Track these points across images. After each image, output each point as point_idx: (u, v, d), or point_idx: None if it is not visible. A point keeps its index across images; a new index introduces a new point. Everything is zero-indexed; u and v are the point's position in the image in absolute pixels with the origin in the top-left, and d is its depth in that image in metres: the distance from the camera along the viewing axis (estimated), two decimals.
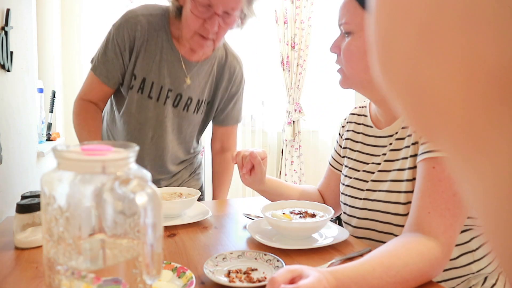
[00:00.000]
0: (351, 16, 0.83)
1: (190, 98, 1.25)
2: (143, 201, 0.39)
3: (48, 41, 2.27)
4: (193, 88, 1.24)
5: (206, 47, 1.13)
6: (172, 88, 1.22)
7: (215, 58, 1.27)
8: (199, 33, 1.10)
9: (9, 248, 0.81)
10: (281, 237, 0.87)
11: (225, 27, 1.11)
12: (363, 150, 0.96)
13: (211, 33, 1.09)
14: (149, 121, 1.23)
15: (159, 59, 1.18)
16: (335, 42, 0.89)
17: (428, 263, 0.65)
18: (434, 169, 0.71)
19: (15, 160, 1.27)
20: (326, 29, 3.28)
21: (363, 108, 1.04)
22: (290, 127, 3.16)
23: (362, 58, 0.83)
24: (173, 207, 1.00)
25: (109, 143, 0.44)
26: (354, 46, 0.84)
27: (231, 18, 1.10)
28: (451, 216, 0.69)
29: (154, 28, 1.17)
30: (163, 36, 1.18)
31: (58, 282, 0.40)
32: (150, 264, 0.40)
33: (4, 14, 1.17)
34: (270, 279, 0.54)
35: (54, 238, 0.40)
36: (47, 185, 0.41)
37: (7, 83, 1.21)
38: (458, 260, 0.79)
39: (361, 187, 0.91)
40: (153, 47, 1.17)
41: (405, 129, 0.84)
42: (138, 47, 1.16)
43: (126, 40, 1.16)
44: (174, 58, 1.20)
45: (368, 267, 0.60)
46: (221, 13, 1.07)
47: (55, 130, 2.29)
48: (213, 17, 1.06)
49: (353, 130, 1.02)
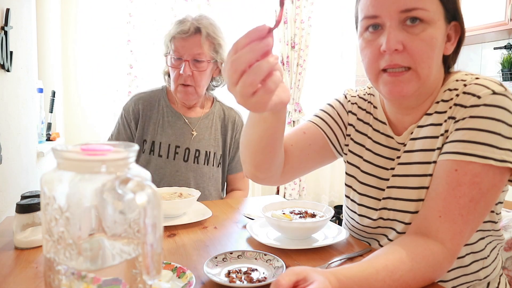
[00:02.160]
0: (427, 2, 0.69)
1: (198, 150, 1.40)
2: (143, 201, 0.39)
3: (48, 41, 2.27)
4: (199, 140, 1.40)
5: (190, 94, 1.33)
6: (180, 144, 1.39)
7: (213, 113, 1.46)
8: (179, 83, 1.32)
9: (9, 248, 0.81)
10: (281, 237, 0.87)
11: (199, 73, 1.31)
12: (375, 151, 0.85)
13: (188, 79, 1.30)
14: (164, 178, 1.37)
15: (161, 123, 1.40)
16: (396, 36, 0.69)
17: (432, 268, 0.64)
18: (456, 172, 0.67)
19: (15, 160, 1.27)
20: (326, 29, 3.28)
21: (370, 95, 0.91)
22: (290, 127, 3.16)
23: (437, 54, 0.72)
24: (173, 207, 1.00)
25: (109, 143, 0.44)
26: (435, 39, 0.70)
27: (202, 64, 1.31)
28: (463, 222, 0.66)
29: (154, 99, 1.42)
30: (163, 103, 1.42)
31: (58, 282, 0.40)
32: (150, 264, 0.40)
33: (4, 14, 1.17)
34: (274, 283, 0.53)
35: (54, 238, 0.40)
36: (47, 185, 0.41)
37: (7, 83, 1.21)
38: (470, 267, 0.76)
39: (377, 196, 0.83)
40: (156, 114, 1.41)
41: (420, 128, 0.77)
42: (143, 117, 1.40)
43: (131, 113, 1.40)
44: (175, 118, 1.41)
45: (372, 269, 0.59)
46: (190, 60, 1.29)
47: (55, 130, 2.29)
48: (184, 64, 1.29)
49: (357, 117, 0.90)
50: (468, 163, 0.66)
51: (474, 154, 0.66)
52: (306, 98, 3.25)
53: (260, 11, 3.07)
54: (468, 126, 0.68)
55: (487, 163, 0.65)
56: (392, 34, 0.69)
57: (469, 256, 0.75)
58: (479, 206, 0.66)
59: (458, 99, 0.71)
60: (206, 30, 1.30)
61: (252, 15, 3.05)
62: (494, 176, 0.66)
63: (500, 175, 0.66)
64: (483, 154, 0.65)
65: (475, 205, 0.66)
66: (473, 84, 0.71)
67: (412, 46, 0.69)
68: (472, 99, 0.69)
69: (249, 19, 3.05)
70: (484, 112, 0.67)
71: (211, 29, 1.31)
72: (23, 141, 1.37)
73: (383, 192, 0.82)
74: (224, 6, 2.95)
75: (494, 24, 2.66)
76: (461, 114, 0.70)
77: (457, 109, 0.71)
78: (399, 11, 0.68)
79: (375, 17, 0.71)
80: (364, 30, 0.75)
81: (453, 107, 0.72)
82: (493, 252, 0.79)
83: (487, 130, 0.66)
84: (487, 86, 0.69)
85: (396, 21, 0.69)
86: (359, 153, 0.89)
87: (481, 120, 0.67)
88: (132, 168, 0.43)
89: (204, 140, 1.41)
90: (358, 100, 0.92)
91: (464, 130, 0.68)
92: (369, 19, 0.72)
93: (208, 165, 1.41)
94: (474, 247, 0.75)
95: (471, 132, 0.67)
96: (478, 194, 0.66)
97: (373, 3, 0.71)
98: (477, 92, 0.69)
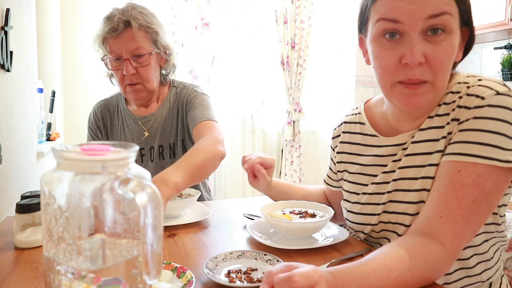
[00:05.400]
0: (452, 6, 0.67)
1: (161, 146, 1.34)
2: (143, 201, 0.39)
3: (48, 41, 2.27)
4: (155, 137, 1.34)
5: (139, 92, 1.26)
6: (143, 146, 1.34)
7: (168, 100, 1.37)
8: (126, 84, 1.24)
9: (9, 248, 0.81)
10: (281, 237, 0.87)
11: (143, 68, 1.22)
12: (367, 163, 0.87)
13: (134, 77, 1.22)
14: None
15: (122, 128, 1.38)
16: (420, 48, 0.66)
17: (431, 268, 0.63)
18: (459, 173, 0.66)
19: (15, 160, 1.27)
20: (326, 29, 3.28)
21: (356, 115, 0.94)
22: (290, 127, 3.16)
23: (452, 64, 0.72)
24: (173, 207, 1.00)
25: (109, 144, 0.44)
26: (454, 49, 0.69)
27: (143, 57, 1.22)
28: (464, 223, 0.65)
29: (112, 105, 1.41)
30: (121, 108, 1.40)
31: (58, 282, 0.40)
32: (150, 264, 0.40)
33: (4, 14, 1.17)
34: (266, 272, 0.54)
35: (54, 238, 0.40)
36: (47, 185, 0.41)
37: (7, 83, 1.21)
38: (474, 269, 0.76)
39: (377, 201, 0.83)
40: (116, 120, 1.40)
41: (422, 132, 0.76)
42: (105, 125, 1.39)
43: (94, 124, 1.40)
44: (132, 120, 1.37)
45: (369, 268, 0.59)
46: (130, 57, 1.20)
47: (54, 130, 2.29)
48: (125, 63, 1.20)
49: (349, 142, 0.94)
50: (473, 164, 0.66)
51: (479, 155, 0.66)
52: (306, 98, 3.25)
53: (260, 11, 3.07)
54: (472, 127, 0.68)
55: (491, 164, 0.65)
56: (417, 46, 0.66)
57: (474, 257, 0.75)
58: (481, 208, 0.66)
59: (462, 101, 0.71)
60: (136, 21, 1.18)
61: (252, 15, 3.06)
62: (498, 177, 0.66)
63: (504, 176, 0.66)
64: (487, 155, 0.65)
65: (477, 206, 0.65)
66: (477, 86, 0.70)
67: (434, 58, 0.67)
68: (476, 100, 0.68)
69: (249, 19, 3.05)
70: (488, 113, 0.67)
71: (141, 18, 1.20)
72: (23, 141, 1.37)
73: (383, 196, 0.81)
74: (224, 6, 2.95)
75: (494, 24, 2.65)
76: (465, 116, 0.69)
77: (461, 111, 0.71)
78: (425, 18, 0.66)
79: (396, 22, 0.68)
80: (381, 34, 0.71)
81: (457, 109, 0.72)
82: (496, 254, 0.79)
83: (492, 131, 0.66)
84: (490, 87, 0.69)
85: (419, 31, 0.67)
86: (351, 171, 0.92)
87: (486, 121, 0.66)
88: (132, 168, 0.43)
89: (161, 133, 1.33)
90: (351, 127, 0.95)
91: (468, 131, 0.68)
92: (388, 22, 0.68)
93: (175, 157, 1.33)
94: (479, 249, 0.75)
95: (475, 133, 0.67)
96: (480, 196, 0.65)
97: (397, 7, 0.67)
98: (481, 93, 0.69)
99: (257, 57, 3.12)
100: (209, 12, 2.85)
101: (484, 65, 3.11)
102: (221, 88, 2.97)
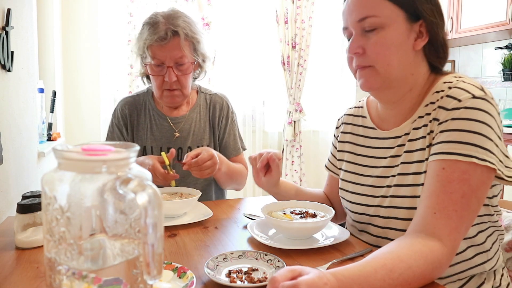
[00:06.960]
0: (379, 9, 0.79)
1: (190, 147, 1.37)
2: (144, 201, 0.39)
3: (49, 41, 2.28)
4: (185, 139, 1.37)
5: (176, 97, 1.30)
6: (170, 146, 1.34)
7: (199, 105, 1.41)
8: (164, 89, 1.28)
9: (10, 248, 0.81)
10: (281, 237, 0.87)
11: (183, 75, 1.27)
12: (367, 154, 0.93)
13: (174, 84, 1.26)
14: None
15: (150, 126, 1.38)
16: (356, 42, 0.82)
17: (431, 265, 0.64)
18: (444, 170, 0.71)
19: (16, 160, 1.27)
20: (326, 29, 3.28)
21: (360, 108, 1.01)
22: (291, 127, 3.16)
23: (397, 52, 0.79)
24: (174, 207, 1.00)
25: (110, 144, 0.44)
26: (389, 40, 0.79)
27: (185, 66, 1.26)
28: (457, 218, 0.68)
29: (140, 103, 1.41)
30: (149, 106, 1.40)
31: (59, 282, 0.40)
32: (151, 264, 0.40)
33: (4, 14, 1.17)
34: (270, 279, 0.54)
35: (55, 238, 0.40)
36: (48, 185, 0.41)
37: (8, 83, 1.21)
38: (474, 260, 0.79)
39: (374, 193, 0.87)
40: (143, 118, 1.39)
41: (416, 130, 0.82)
42: (131, 122, 1.39)
43: (121, 119, 1.39)
44: (162, 120, 1.38)
45: (370, 269, 0.60)
46: (173, 65, 1.24)
47: (55, 130, 2.29)
48: (168, 71, 1.24)
49: (351, 133, 1.00)
50: (455, 162, 0.70)
51: (459, 153, 0.70)
52: (306, 98, 3.25)
53: (261, 11, 3.07)
54: (451, 127, 0.73)
55: (471, 161, 0.69)
56: (353, 41, 0.82)
57: (471, 249, 0.78)
58: (471, 203, 0.69)
59: (442, 101, 0.77)
60: (184, 31, 1.22)
61: (253, 15, 3.06)
62: (482, 174, 0.70)
63: (487, 172, 0.70)
64: (467, 153, 0.69)
65: (467, 201, 0.69)
66: (455, 88, 0.76)
67: (369, 49, 0.81)
68: (453, 102, 0.74)
69: (250, 19, 3.05)
70: (464, 114, 0.72)
71: (188, 28, 1.24)
72: (24, 141, 1.37)
73: (381, 189, 0.86)
74: (225, 6, 2.95)
75: (495, 24, 2.65)
76: (443, 116, 0.75)
77: (440, 111, 0.76)
78: (356, 21, 0.81)
79: (346, 28, 0.86)
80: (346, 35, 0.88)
81: (437, 109, 0.77)
82: (494, 245, 0.82)
83: (470, 130, 0.71)
84: (467, 90, 0.74)
85: (359, 30, 0.82)
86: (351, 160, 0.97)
87: (463, 121, 0.72)
88: (133, 168, 0.43)
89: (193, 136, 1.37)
90: (354, 119, 1.02)
91: (448, 132, 0.73)
92: (344, 30, 0.87)
93: None
94: (474, 240, 0.78)
95: (455, 133, 0.72)
96: (469, 190, 0.69)
97: (344, 17, 0.86)
98: (458, 95, 0.74)
99: (258, 57, 3.12)
100: (210, 12, 2.85)
101: (484, 65, 3.10)
102: (222, 88, 2.97)
